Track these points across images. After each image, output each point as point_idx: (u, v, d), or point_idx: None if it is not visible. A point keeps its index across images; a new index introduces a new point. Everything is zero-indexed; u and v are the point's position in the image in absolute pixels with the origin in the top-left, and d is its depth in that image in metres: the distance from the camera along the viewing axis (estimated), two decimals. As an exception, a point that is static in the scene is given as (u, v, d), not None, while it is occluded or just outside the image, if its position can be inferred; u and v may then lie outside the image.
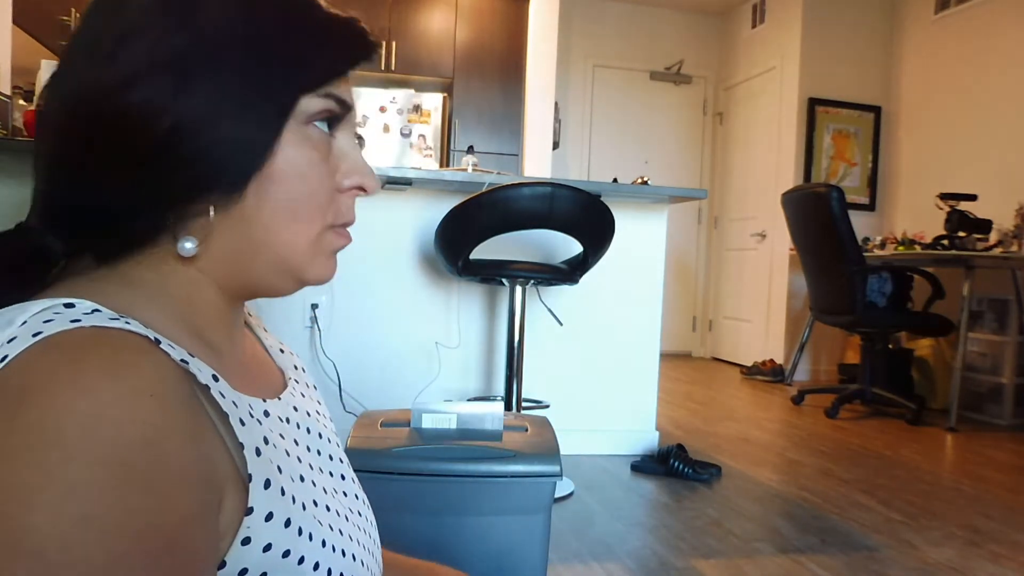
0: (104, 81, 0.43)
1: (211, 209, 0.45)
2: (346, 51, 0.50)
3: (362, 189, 0.52)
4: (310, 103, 0.47)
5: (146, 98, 0.43)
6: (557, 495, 2.27)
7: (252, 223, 0.47)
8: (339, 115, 0.50)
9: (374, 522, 0.62)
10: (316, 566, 0.46)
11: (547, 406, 2.65)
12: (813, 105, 5.17)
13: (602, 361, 2.86)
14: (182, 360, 0.41)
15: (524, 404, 2.58)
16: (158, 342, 0.40)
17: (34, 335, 0.38)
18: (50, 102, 0.46)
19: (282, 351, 0.65)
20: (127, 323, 0.40)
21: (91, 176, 0.44)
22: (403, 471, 0.93)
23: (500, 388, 2.80)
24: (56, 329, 0.38)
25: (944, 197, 3.98)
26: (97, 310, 0.41)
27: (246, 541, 0.42)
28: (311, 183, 0.48)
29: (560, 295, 2.80)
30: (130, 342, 0.39)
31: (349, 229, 0.53)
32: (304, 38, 0.47)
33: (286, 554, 0.44)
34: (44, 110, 0.46)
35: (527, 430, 1.04)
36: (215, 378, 0.43)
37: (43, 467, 0.34)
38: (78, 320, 0.39)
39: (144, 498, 0.35)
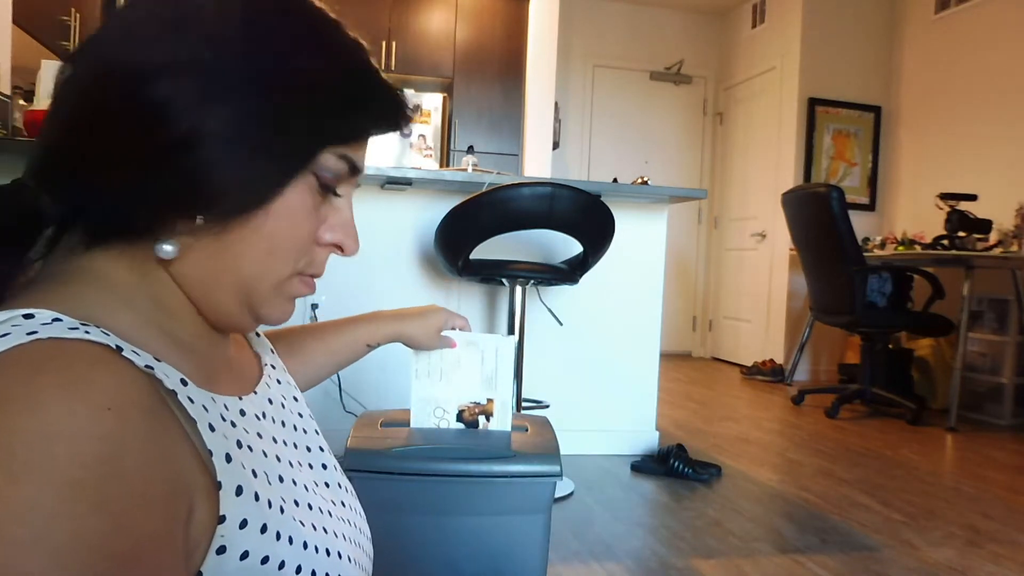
0: (137, 63, 0.42)
1: (198, 221, 0.44)
2: (380, 119, 0.50)
3: (340, 248, 0.52)
4: (327, 159, 0.47)
5: (170, 96, 0.42)
6: (557, 495, 2.26)
7: (231, 247, 0.46)
8: (345, 176, 0.50)
9: (360, 511, 0.61)
10: (298, 569, 0.45)
11: (547, 406, 2.65)
12: (813, 105, 5.17)
13: (602, 361, 2.86)
14: (147, 366, 0.39)
15: (524, 404, 2.57)
16: (120, 350, 0.39)
17: None
18: (80, 65, 0.45)
19: (257, 335, 0.64)
20: (87, 332, 0.38)
21: (99, 153, 0.43)
22: (403, 471, 0.93)
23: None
24: (11, 344, 0.37)
25: (944, 197, 3.98)
26: (58, 319, 0.39)
27: (221, 550, 0.41)
28: (297, 229, 0.48)
29: (560, 295, 2.80)
30: (87, 353, 0.37)
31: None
32: (349, 94, 0.47)
33: (265, 560, 0.43)
34: (73, 71, 0.45)
35: (527, 430, 1.04)
36: (183, 382, 0.42)
37: None
38: (35, 332, 0.37)
39: (98, 519, 0.34)
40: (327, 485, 0.57)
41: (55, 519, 0.33)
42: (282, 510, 0.46)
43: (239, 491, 0.43)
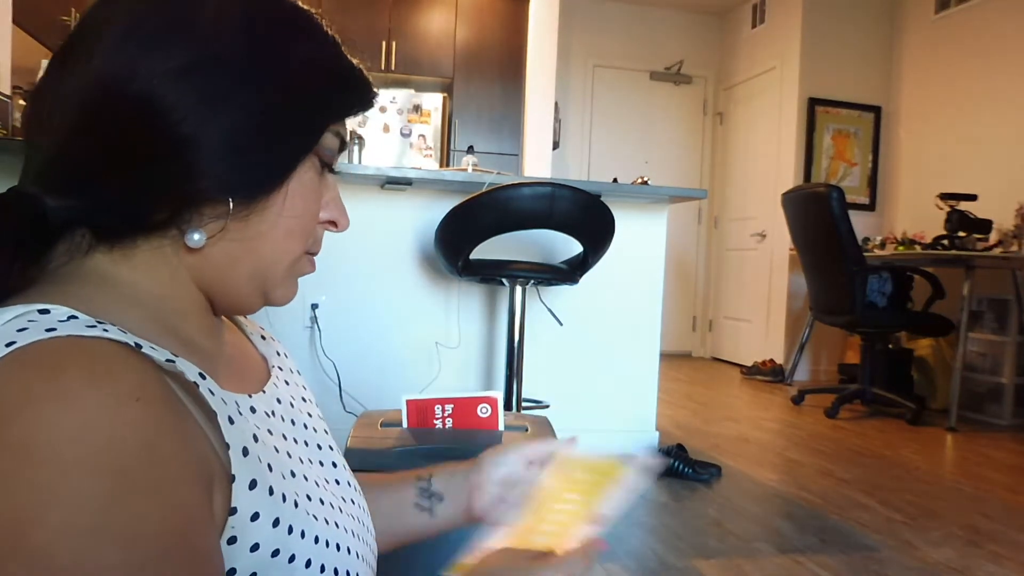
0: (144, 68, 0.43)
1: (230, 208, 0.46)
2: (360, 95, 0.53)
3: (334, 224, 0.55)
4: (327, 137, 0.51)
5: (182, 99, 0.43)
6: (557, 495, 2.26)
7: (254, 231, 0.48)
8: (336, 152, 0.53)
9: (367, 508, 0.62)
10: (308, 563, 0.46)
11: (547, 406, 2.65)
12: (813, 105, 5.16)
13: (602, 361, 2.86)
14: (167, 360, 0.40)
15: (524, 404, 2.57)
16: (139, 347, 0.39)
17: (7, 345, 0.36)
18: (74, 67, 0.44)
19: (263, 338, 0.64)
20: (105, 331, 0.39)
21: (114, 159, 0.43)
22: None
23: (500, 388, 2.80)
24: (30, 339, 0.37)
25: (944, 197, 3.98)
26: (73, 316, 0.40)
27: (232, 541, 0.42)
28: (309, 206, 0.51)
29: (560, 295, 2.80)
30: (108, 350, 0.38)
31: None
32: (336, 77, 0.51)
33: (275, 553, 0.44)
34: (66, 73, 0.45)
35: (527, 430, 1.04)
36: (202, 375, 0.43)
37: (39, 487, 0.33)
38: (53, 329, 0.38)
39: (149, 501, 0.35)
40: (337, 482, 0.58)
41: (112, 505, 0.34)
42: (296, 504, 0.47)
43: (253, 484, 0.43)
